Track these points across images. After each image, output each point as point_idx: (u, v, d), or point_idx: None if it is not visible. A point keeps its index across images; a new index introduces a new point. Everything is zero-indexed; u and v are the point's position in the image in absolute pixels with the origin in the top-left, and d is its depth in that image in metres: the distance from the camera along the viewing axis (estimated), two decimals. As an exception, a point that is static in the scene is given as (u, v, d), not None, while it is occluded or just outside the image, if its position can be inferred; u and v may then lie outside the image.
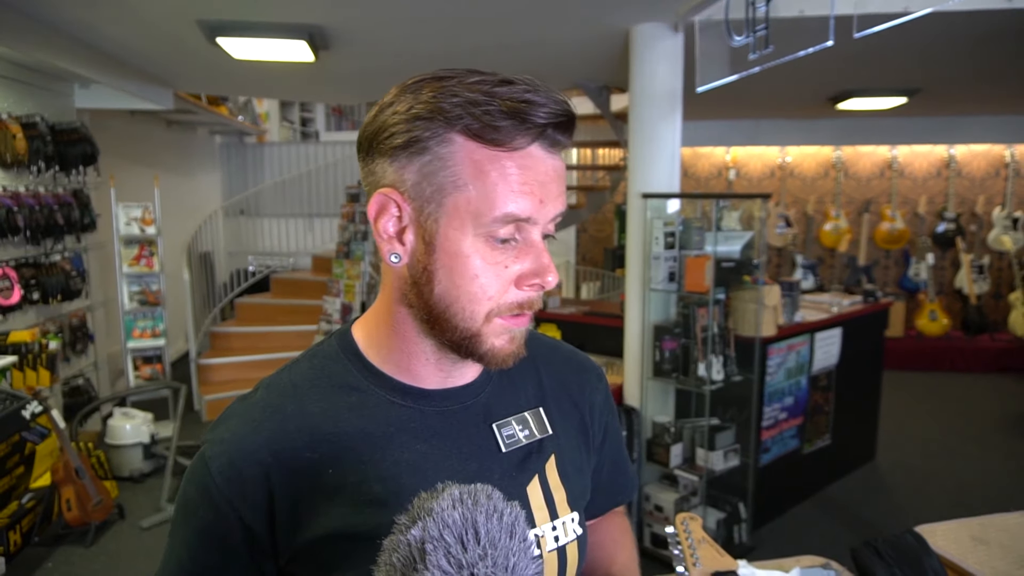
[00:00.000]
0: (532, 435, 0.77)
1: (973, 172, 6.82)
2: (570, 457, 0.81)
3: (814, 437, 3.73)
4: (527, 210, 0.64)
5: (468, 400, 0.75)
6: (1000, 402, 5.49)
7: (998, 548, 1.51)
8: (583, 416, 0.85)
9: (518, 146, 0.64)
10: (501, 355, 0.69)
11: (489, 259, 0.65)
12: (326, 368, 0.74)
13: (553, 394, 0.82)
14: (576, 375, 0.87)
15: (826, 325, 3.66)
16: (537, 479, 0.76)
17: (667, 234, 3.11)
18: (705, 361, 3.04)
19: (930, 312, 6.51)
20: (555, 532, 0.76)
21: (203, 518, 0.68)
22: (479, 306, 0.66)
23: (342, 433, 0.70)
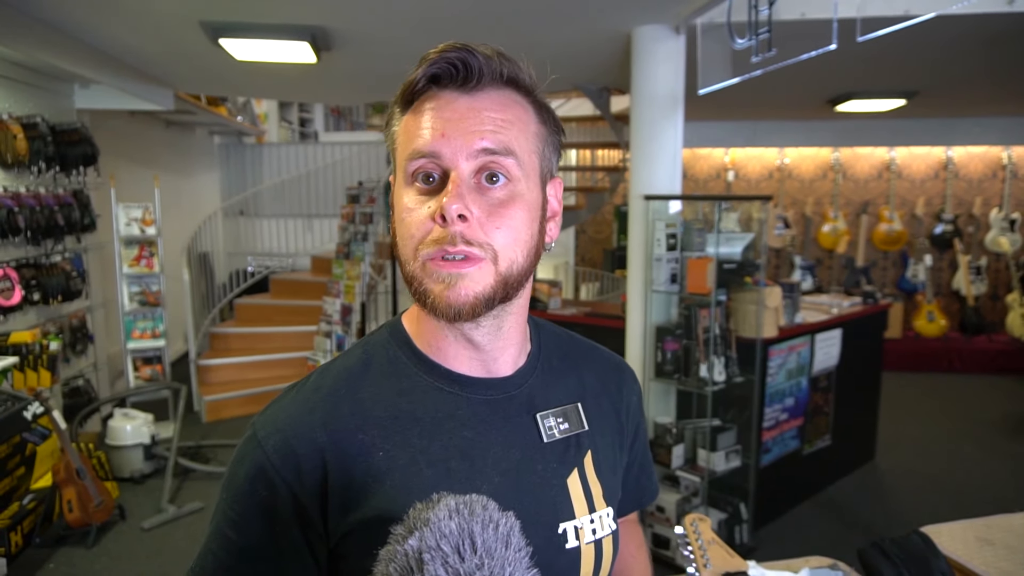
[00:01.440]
0: (570, 429, 0.79)
1: (971, 174, 6.85)
2: (605, 454, 0.82)
3: (814, 438, 3.75)
4: (428, 144, 0.67)
5: (512, 390, 0.77)
6: (998, 403, 5.51)
7: (1004, 549, 1.52)
8: (619, 416, 0.87)
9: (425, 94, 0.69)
10: (441, 303, 0.67)
11: (412, 201, 0.69)
12: (377, 355, 0.76)
13: (592, 392, 0.84)
14: (615, 375, 0.89)
15: (826, 326, 3.67)
16: (576, 472, 0.78)
17: (669, 236, 3.12)
18: (707, 362, 3.05)
19: (928, 313, 6.53)
20: (593, 525, 0.77)
21: (258, 496, 0.69)
22: (408, 245, 0.69)
23: (393, 417, 0.72)
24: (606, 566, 0.79)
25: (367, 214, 5.34)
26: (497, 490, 0.72)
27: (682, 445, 3.15)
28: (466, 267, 0.67)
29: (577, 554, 0.75)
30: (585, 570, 0.76)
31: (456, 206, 0.65)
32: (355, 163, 7.86)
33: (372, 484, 0.69)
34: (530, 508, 0.73)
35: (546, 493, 0.75)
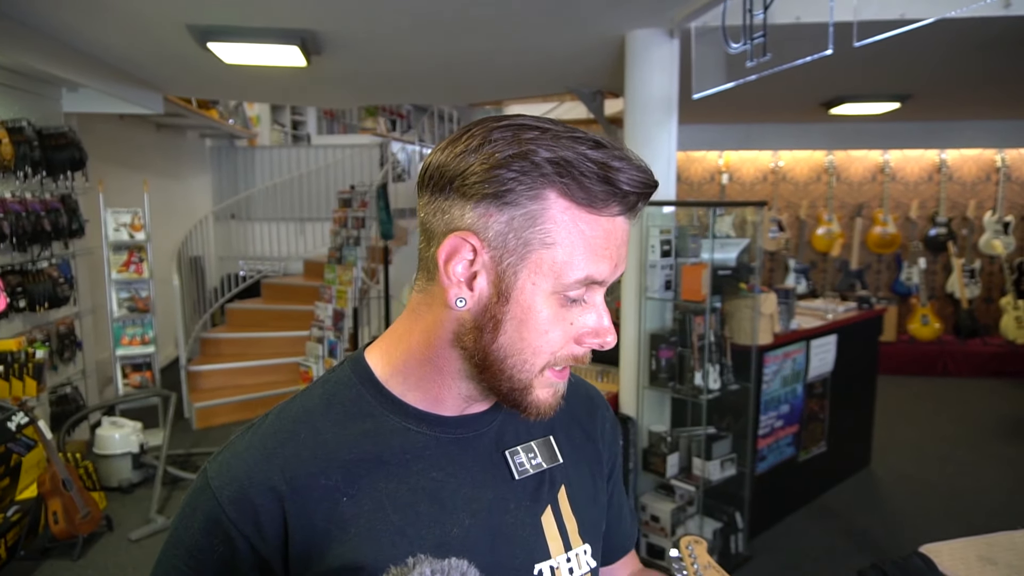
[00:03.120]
0: (542, 464, 0.76)
1: (964, 177, 6.84)
2: (581, 486, 0.80)
3: (810, 445, 3.72)
4: (603, 274, 0.65)
5: (482, 428, 0.74)
6: (993, 406, 5.50)
7: (1007, 568, 1.49)
8: (595, 445, 0.85)
9: (608, 212, 0.64)
10: (544, 407, 0.69)
11: (559, 315, 0.65)
12: (339, 394, 0.72)
13: (563, 422, 0.81)
14: (585, 404, 0.87)
15: (821, 332, 3.65)
16: (550, 509, 0.75)
17: (663, 242, 3.09)
18: (702, 370, 3.01)
19: (922, 316, 6.52)
20: (569, 564, 0.75)
21: (215, 551, 0.65)
22: (539, 359, 0.66)
23: (357, 460, 0.68)
24: None
25: (359, 218, 5.30)
26: (468, 533, 0.69)
27: (677, 454, 3.12)
28: (568, 374, 0.71)
29: None
30: None
31: (613, 338, 0.67)
32: (348, 166, 7.81)
33: (336, 532, 0.65)
34: (503, 550, 0.71)
35: (519, 533, 0.72)
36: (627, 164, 0.63)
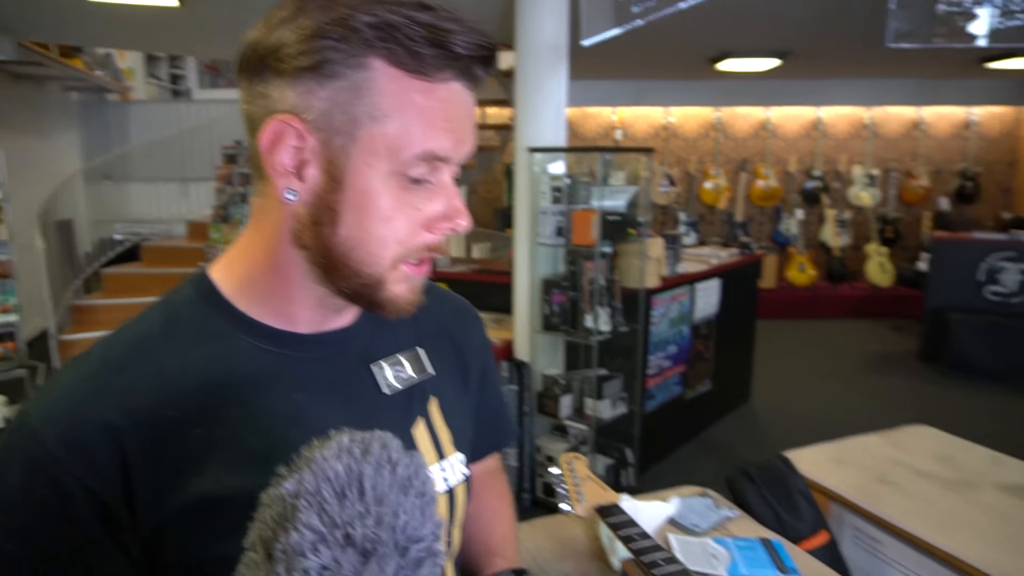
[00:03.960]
0: (412, 377, 0.75)
1: (837, 133, 7.28)
2: (452, 398, 0.79)
3: (696, 383, 3.92)
4: (446, 148, 0.61)
5: (346, 343, 0.70)
6: (858, 344, 5.97)
7: (855, 467, 1.63)
8: (463, 357, 0.83)
9: (442, 78, 0.59)
10: (402, 303, 0.65)
11: (401, 200, 0.61)
12: (181, 317, 0.65)
13: (431, 334, 0.79)
14: (454, 316, 0.85)
15: (706, 276, 3.82)
16: (422, 421, 0.74)
17: (554, 189, 3.12)
18: (592, 313, 3.10)
19: (799, 264, 6.96)
20: (444, 474, 0.75)
21: (39, 500, 0.57)
22: (386, 251, 0.62)
23: (207, 386, 0.62)
24: (460, 513, 0.77)
25: (246, 175, 5.07)
26: None
27: (570, 395, 3.21)
28: (428, 269, 0.67)
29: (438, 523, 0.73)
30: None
31: (466, 220, 0.64)
32: (234, 121, 7.41)
33: (189, 466, 0.60)
34: None
35: None
36: (459, 25, 0.58)
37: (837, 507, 1.57)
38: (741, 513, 1.36)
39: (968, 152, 7.28)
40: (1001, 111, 7.27)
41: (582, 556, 1.24)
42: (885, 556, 1.47)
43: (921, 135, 7.24)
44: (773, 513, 1.39)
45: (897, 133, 7.28)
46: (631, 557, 1.06)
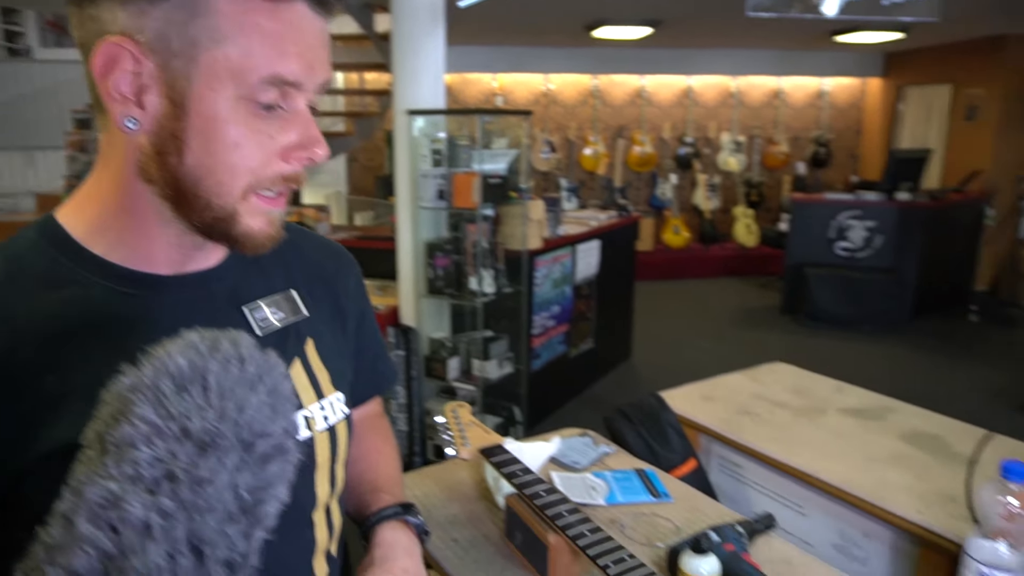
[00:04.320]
0: (286, 318, 0.73)
1: (707, 101, 7.64)
2: (329, 339, 0.78)
3: (579, 341, 4.05)
4: (296, 73, 0.58)
5: (212, 285, 0.68)
6: (729, 301, 6.37)
7: (720, 402, 1.76)
8: (338, 300, 0.82)
9: (288, 0, 0.57)
10: (259, 238, 0.63)
11: (252, 127, 0.58)
12: (25, 262, 0.62)
13: (304, 277, 0.78)
14: (328, 259, 0.84)
15: (586, 237, 3.94)
16: (299, 361, 0.73)
17: (434, 152, 3.11)
18: (476, 275, 3.12)
19: (674, 227, 7.30)
20: (323, 412, 0.74)
21: None
22: (238, 180, 0.59)
23: (60, 332, 0.59)
24: (343, 451, 0.77)
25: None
26: None
27: (457, 357, 3.24)
28: (285, 202, 0.65)
29: (311, 444, 0.72)
30: (322, 458, 0.73)
31: (323, 149, 0.62)
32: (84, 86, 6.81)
33: (44, 413, 0.57)
34: None
35: None
36: None
37: (705, 439, 1.69)
38: (618, 449, 1.44)
39: (821, 120, 7.85)
40: (849, 82, 7.88)
41: (469, 498, 1.27)
42: (746, 479, 1.61)
43: (781, 104, 7.73)
44: (647, 446, 1.48)
45: (760, 102, 7.73)
46: (514, 492, 1.10)
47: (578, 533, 0.97)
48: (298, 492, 0.71)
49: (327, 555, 0.76)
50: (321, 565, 0.75)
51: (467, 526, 1.18)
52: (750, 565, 1.01)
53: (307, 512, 0.73)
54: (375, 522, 0.81)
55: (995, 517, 0.95)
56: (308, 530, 0.73)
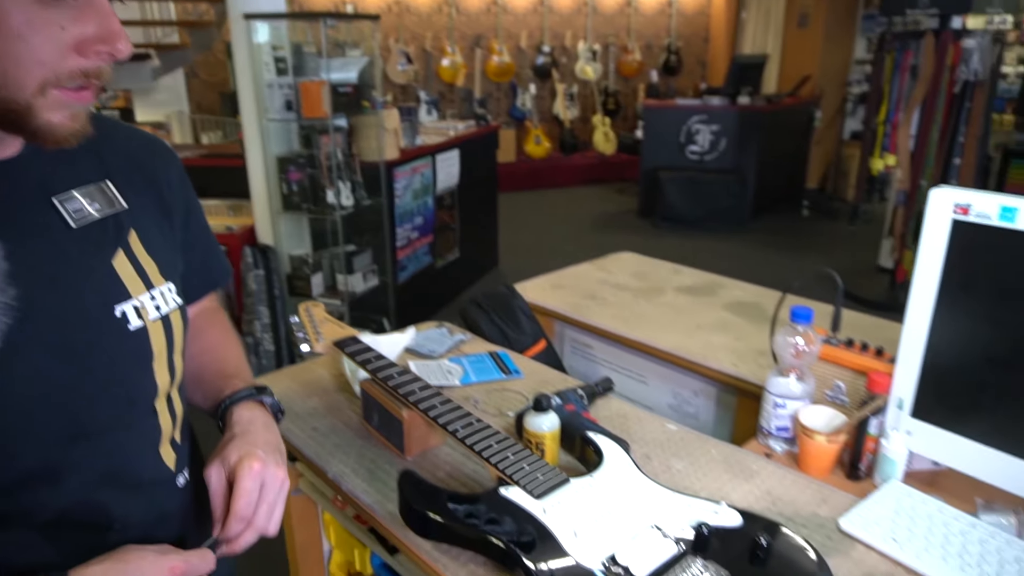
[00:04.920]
0: (103, 209, 0.71)
1: (562, 9, 7.62)
2: (153, 231, 0.77)
3: (445, 252, 4.10)
4: None
5: (14, 175, 0.65)
6: (589, 207, 6.61)
7: (570, 289, 1.87)
8: (160, 192, 0.80)
9: None
10: (61, 132, 0.60)
11: (37, 17, 0.54)
12: None
13: (120, 168, 0.75)
14: (145, 151, 0.81)
15: (445, 147, 3.92)
16: (123, 252, 0.72)
17: (277, 59, 2.95)
18: (333, 188, 3.06)
19: (535, 137, 7.39)
20: (155, 302, 0.73)
21: None
22: (27, 74, 0.56)
23: None
24: (179, 341, 0.77)
25: None
26: (29, 292, 0.62)
27: (320, 273, 3.19)
28: (92, 95, 0.61)
29: (145, 334, 0.72)
30: (158, 348, 0.73)
31: (125, 45, 0.58)
32: None
33: None
34: (73, 300, 0.66)
35: (88, 280, 0.68)
36: None
37: (559, 325, 1.81)
38: (472, 336, 1.51)
39: (671, 28, 8.07)
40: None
41: (328, 391, 1.30)
42: (596, 357, 1.74)
43: (633, 12, 7.86)
44: (500, 331, 1.56)
45: (613, 9, 7.82)
46: (369, 377, 1.14)
47: (429, 406, 1.03)
48: (139, 381, 0.72)
49: (172, 442, 0.77)
50: (168, 451, 0.76)
51: (326, 416, 1.21)
52: (588, 420, 1.11)
53: (150, 401, 0.73)
54: (230, 403, 0.82)
55: (787, 356, 1.11)
56: (152, 418, 0.74)
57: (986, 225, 0.86)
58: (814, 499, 1.01)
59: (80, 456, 0.66)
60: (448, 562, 0.89)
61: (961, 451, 0.97)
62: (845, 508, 0.97)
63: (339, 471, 1.07)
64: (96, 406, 0.67)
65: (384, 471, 1.06)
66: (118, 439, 0.70)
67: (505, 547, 0.81)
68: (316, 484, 1.30)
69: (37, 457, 0.64)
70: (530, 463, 0.94)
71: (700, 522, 0.84)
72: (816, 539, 0.92)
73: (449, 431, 0.99)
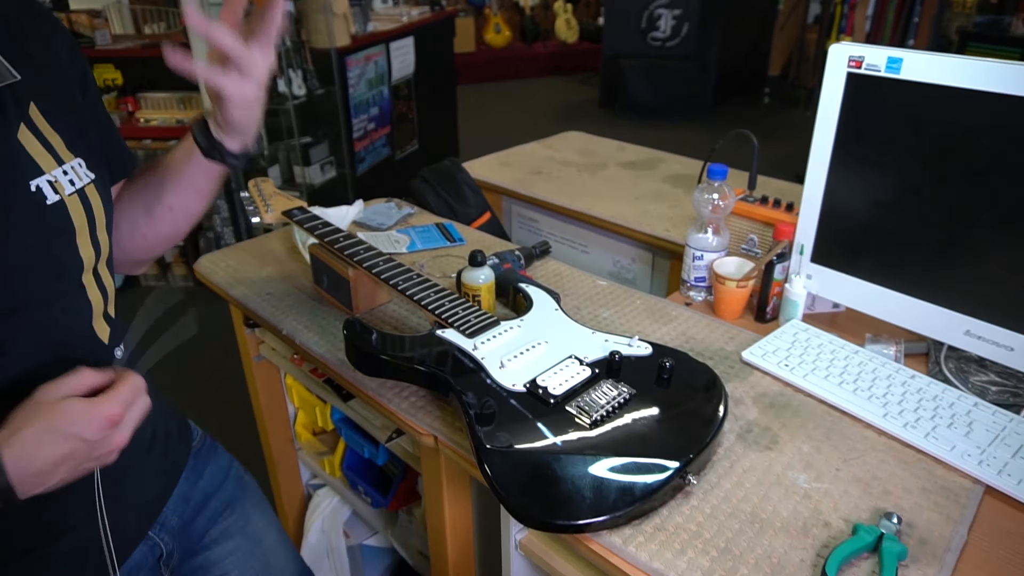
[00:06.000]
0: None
1: None
2: (54, 103, 0.74)
3: (404, 144, 4.08)
4: None
5: None
6: (551, 98, 6.54)
7: (516, 166, 1.93)
8: (51, 61, 0.77)
9: None
10: None
11: None
12: None
13: (7, 38, 0.72)
14: (26, 17, 0.77)
15: (399, 34, 3.83)
16: (25, 126, 0.69)
17: (216, -62, 2.82)
18: (284, 76, 3.01)
19: (495, 25, 7.17)
20: (68, 176, 0.72)
21: None
22: None
23: None
24: (100, 216, 0.76)
25: None
26: None
27: (277, 166, 3.19)
28: None
29: (63, 207, 0.71)
30: (79, 222, 0.73)
31: None
32: None
33: None
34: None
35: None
36: None
37: (507, 201, 1.87)
38: (420, 210, 1.58)
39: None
40: None
41: (281, 261, 1.37)
42: (541, 231, 1.82)
43: None
44: (446, 204, 1.63)
45: None
46: (317, 242, 1.21)
47: (373, 264, 1.11)
48: (63, 256, 0.72)
49: (105, 316, 0.78)
50: (101, 325, 0.77)
51: (280, 282, 1.29)
52: (522, 276, 1.21)
53: (76, 275, 0.74)
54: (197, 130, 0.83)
55: (705, 212, 1.20)
56: (82, 293, 0.75)
57: (875, 76, 0.94)
58: (723, 338, 1.12)
59: (16, 330, 0.67)
60: (392, 396, 1.00)
61: (853, 290, 1.08)
62: (750, 344, 1.09)
63: (293, 328, 1.16)
64: (23, 279, 0.68)
65: (334, 327, 1.15)
66: (50, 313, 0.71)
67: (439, 376, 0.92)
68: (277, 348, 1.39)
69: None
70: (464, 309, 1.03)
71: (613, 351, 0.94)
72: (719, 368, 1.04)
73: (391, 285, 1.07)
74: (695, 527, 0.77)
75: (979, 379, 1.03)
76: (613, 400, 0.87)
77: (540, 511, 0.74)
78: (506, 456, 0.79)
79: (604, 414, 0.85)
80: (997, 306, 0.93)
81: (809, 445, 0.89)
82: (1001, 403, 0.95)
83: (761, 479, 0.83)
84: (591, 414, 0.84)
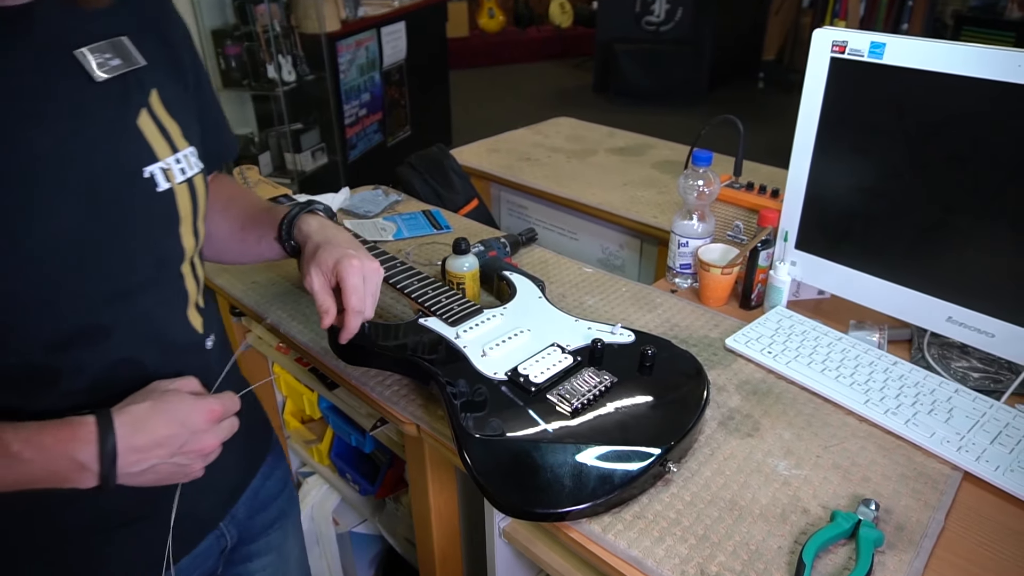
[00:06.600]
0: (123, 64, 0.69)
1: None
2: (173, 92, 0.75)
3: (396, 130, 4.06)
4: None
5: (30, 23, 0.62)
6: (546, 84, 6.50)
7: (505, 153, 1.92)
8: (173, 52, 0.77)
9: None
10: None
11: None
12: None
13: (133, 25, 0.72)
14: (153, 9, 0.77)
15: (390, 19, 3.80)
16: (146, 112, 0.70)
17: (203, -79, 2.79)
18: (274, 63, 2.98)
19: (488, 10, 7.12)
20: (180, 165, 0.73)
21: None
22: None
23: None
24: (202, 205, 0.77)
25: None
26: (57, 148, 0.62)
27: (268, 152, 3.17)
28: None
29: (171, 196, 0.72)
30: (184, 211, 0.74)
31: None
32: None
33: None
34: (103, 158, 0.66)
35: (116, 138, 0.67)
36: None
37: (496, 188, 1.87)
38: (407, 197, 1.57)
39: None
40: None
41: (266, 250, 1.36)
42: (530, 218, 1.82)
43: None
44: (433, 191, 1.62)
45: None
46: (301, 231, 1.20)
47: (357, 252, 1.10)
48: (167, 245, 0.73)
49: (197, 306, 0.80)
50: (195, 315, 0.79)
51: (266, 271, 1.28)
52: (507, 263, 1.20)
53: (177, 264, 0.75)
54: (291, 219, 0.87)
55: (691, 198, 1.19)
56: (180, 282, 0.76)
57: (858, 61, 0.93)
58: (707, 325, 1.12)
59: (119, 315, 0.68)
60: (375, 385, 1.00)
61: (837, 277, 1.08)
62: (734, 331, 1.09)
63: (277, 317, 1.15)
64: (129, 266, 0.69)
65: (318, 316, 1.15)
66: (151, 300, 0.72)
67: (421, 364, 0.91)
68: (264, 337, 1.39)
69: (83, 314, 0.66)
70: (448, 297, 1.03)
71: (595, 339, 0.94)
72: (703, 356, 1.04)
73: (374, 273, 1.06)
74: (674, 515, 0.77)
75: (961, 365, 1.03)
76: (594, 388, 0.87)
77: (520, 499, 0.74)
78: (486, 445, 0.79)
79: (585, 402, 0.85)
80: (979, 293, 0.93)
81: (790, 432, 0.89)
82: (982, 389, 0.96)
83: (741, 466, 0.84)
84: (572, 402, 0.84)
